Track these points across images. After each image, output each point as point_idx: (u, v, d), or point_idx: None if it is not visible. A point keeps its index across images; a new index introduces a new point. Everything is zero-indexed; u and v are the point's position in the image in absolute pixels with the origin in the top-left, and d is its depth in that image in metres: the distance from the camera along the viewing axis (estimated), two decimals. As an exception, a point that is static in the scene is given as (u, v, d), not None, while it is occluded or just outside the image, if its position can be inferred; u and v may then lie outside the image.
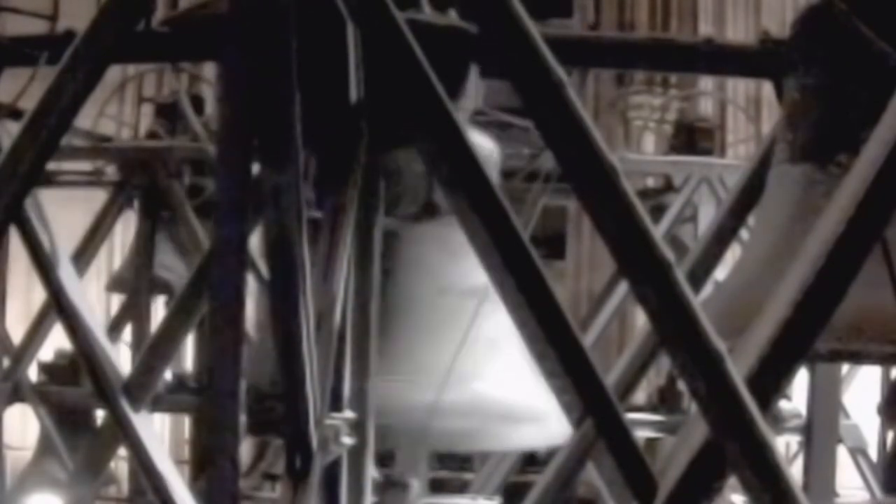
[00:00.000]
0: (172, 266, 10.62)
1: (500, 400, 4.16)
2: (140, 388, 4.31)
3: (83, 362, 4.41)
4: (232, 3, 3.15)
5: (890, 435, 7.17)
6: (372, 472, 3.84)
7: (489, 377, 4.15)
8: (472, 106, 4.03)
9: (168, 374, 9.40)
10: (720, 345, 2.85)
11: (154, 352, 4.38)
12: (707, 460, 2.81)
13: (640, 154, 12.26)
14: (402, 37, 3.26)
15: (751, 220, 4.83)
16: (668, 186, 10.42)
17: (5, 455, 10.58)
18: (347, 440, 3.58)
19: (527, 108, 3.08)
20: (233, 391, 3.12)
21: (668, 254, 2.92)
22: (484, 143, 4.11)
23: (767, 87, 4.28)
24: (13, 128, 4.09)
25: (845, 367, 9.19)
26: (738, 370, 2.80)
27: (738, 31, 14.04)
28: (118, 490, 11.79)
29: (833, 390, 8.43)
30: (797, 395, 8.79)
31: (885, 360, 4.90)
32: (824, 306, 2.76)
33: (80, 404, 9.95)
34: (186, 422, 13.24)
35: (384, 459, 4.26)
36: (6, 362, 10.15)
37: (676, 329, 2.88)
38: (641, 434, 9.19)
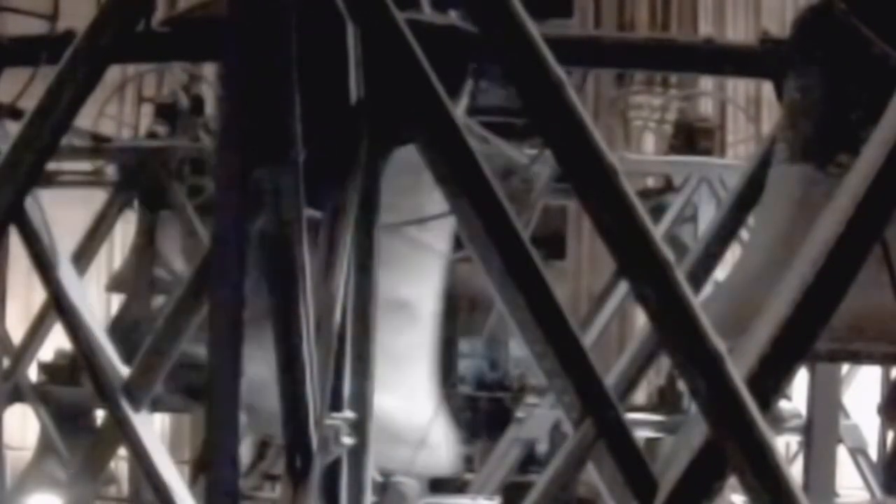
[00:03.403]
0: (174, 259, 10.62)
1: (387, 417, 3.98)
2: (140, 388, 4.30)
3: (83, 362, 4.40)
4: (232, 3, 3.15)
5: (890, 435, 7.18)
6: (372, 472, 3.84)
7: (384, 393, 3.99)
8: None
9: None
10: (720, 345, 2.85)
11: (154, 352, 4.38)
12: (707, 460, 2.81)
13: (640, 154, 12.26)
14: (402, 37, 3.26)
15: (751, 220, 4.83)
16: (668, 186, 10.43)
17: (5, 455, 10.57)
18: (347, 440, 3.58)
19: (527, 108, 3.08)
20: (233, 391, 3.11)
21: (668, 254, 2.92)
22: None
23: (767, 87, 4.28)
24: (13, 128, 4.08)
25: (845, 367, 9.18)
26: (738, 370, 2.80)
27: (738, 31, 14.04)
28: (118, 490, 11.79)
29: (833, 390, 8.43)
30: (797, 395, 8.79)
31: (885, 360, 4.90)
32: (824, 306, 2.76)
33: (80, 404, 9.95)
34: (186, 422, 13.23)
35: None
36: (6, 362, 10.15)
37: (676, 329, 2.88)
38: (641, 434, 9.19)
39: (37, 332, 10.10)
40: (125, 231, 11.87)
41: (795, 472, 7.60)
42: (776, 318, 2.77)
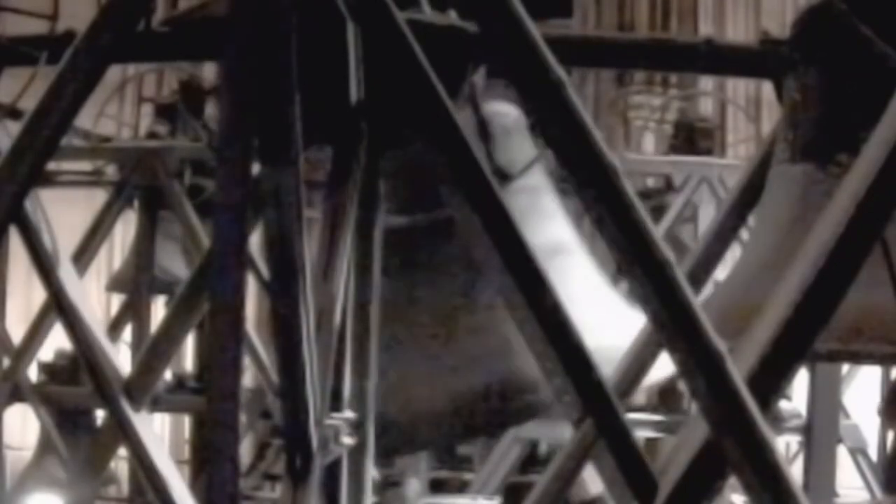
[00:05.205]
0: (172, 267, 10.63)
1: (616, 349, 4.17)
2: (140, 388, 4.31)
3: (83, 362, 4.41)
4: (232, 3, 3.15)
5: (890, 435, 7.18)
6: (372, 472, 3.84)
7: (597, 333, 4.09)
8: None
9: (168, 374, 9.40)
10: (720, 345, 2.85)
11: (154, 352, 4.38)
12: (707, 460, 2.81)
13: (640, 154, 12.25)
14: (402, 37, 3.26)
15: (751, 220, 4.83)
16: (668, 186, 10.43)
17: (5, 455, 10.58)
18: (347, 440, 3.58)
19: (527, 108, 3.08)
20: (233, 391, 3.11)
21: (669, 254, 2.92)
22: (509, 111, 4.11)
23: (767, 87, 4.28)
24: (13, 128, 4.08)
25: (845, 367, 9.19)
26: (738, 370, 2.80)
27: (738, 31, 14.04)
28: (118, 490, 11.80)
29: (833, 390, 8.44)
30: (797, 395, 8.80)
31: (885, 360, 4.91)
32: (824, 306, 2.75)
33: (80, 404, 9.95)
34: (186, 422, 13.24)
35: (384, 459, 4.26)
36: (6, 362, 10.14)
37: (676, 329, 2.88)
38: (641, 434, 9.19)
39: (37, 332, 10.09)
40: (125, 231, 11.88)
41: (795, 472, 7.61)
42: (776, 318, 2.77)
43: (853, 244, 2.75)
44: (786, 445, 9.92)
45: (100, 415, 7.63)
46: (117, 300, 12.35)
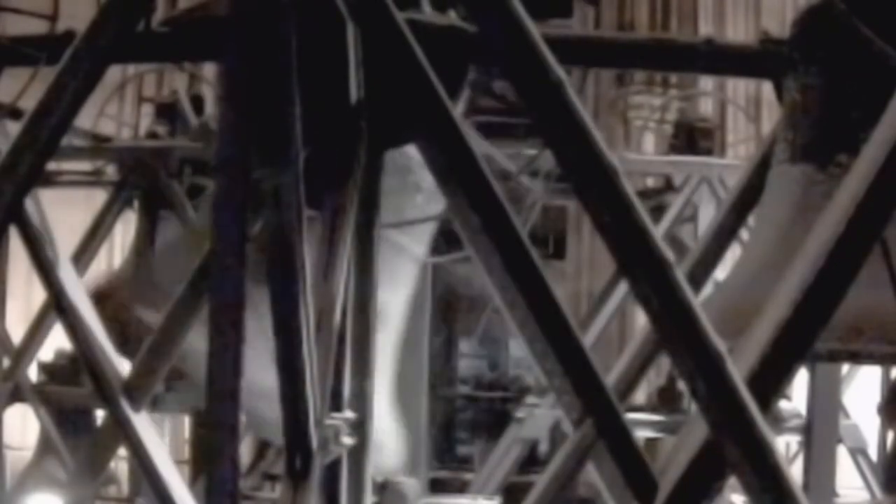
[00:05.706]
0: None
1: None
2: (140, 388, 4.31)
3: (83, 362, 4.40)
4: (232, 3, 3.15)
5: (890, 435, 7.18)
6: (372, 472, 3.84)
7: None
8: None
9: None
10: (720, 345, 2.85)
11: (154, 352, 4.38)
12: (707, 460, 2.81)
13: (640, 154, 12.25)
14: (402, 37, 3.27)
15: (751, 220, 4.83)
16: (668, 186, 10.43)
17: (5, 455, 10.57)
18: (347, 440, 3.58)
19: (527, 108, 3.08)
20: (233, 391, 3.12)
21: (668, 254, 2.92)
22: (412, 152, 4.10)
23: (767, 87, 4.29)
24: (13, 128, 4.09)
25: (845, 367, 9.19)
26: (738, 370, 2.80)
27: (738, 31, 14.03)
28: (118, 490, 11.78)
29: (833, 390, 8.44)
30: (797, 395, 8.79)
31: (885, 360, 4.90)
32: (824, 306, 2.76)
33: (80, 404, 9.94)
34: (186, 422, 13.23)
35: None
36: (6, 362, 10.14)
37: (676, 329, 2.88)
38: (641, 434, 9.19)
39: (37, 332, 10.09)
40: (125, 231, 11.87)
41: (795, 472, 7.61)
42: (776, 318, 2.77)
43: (853, 244, 2.75)
44: (786, 445, 9.92)
45: (100, 415, 7.63)
46: (117, 300, 12.34)
